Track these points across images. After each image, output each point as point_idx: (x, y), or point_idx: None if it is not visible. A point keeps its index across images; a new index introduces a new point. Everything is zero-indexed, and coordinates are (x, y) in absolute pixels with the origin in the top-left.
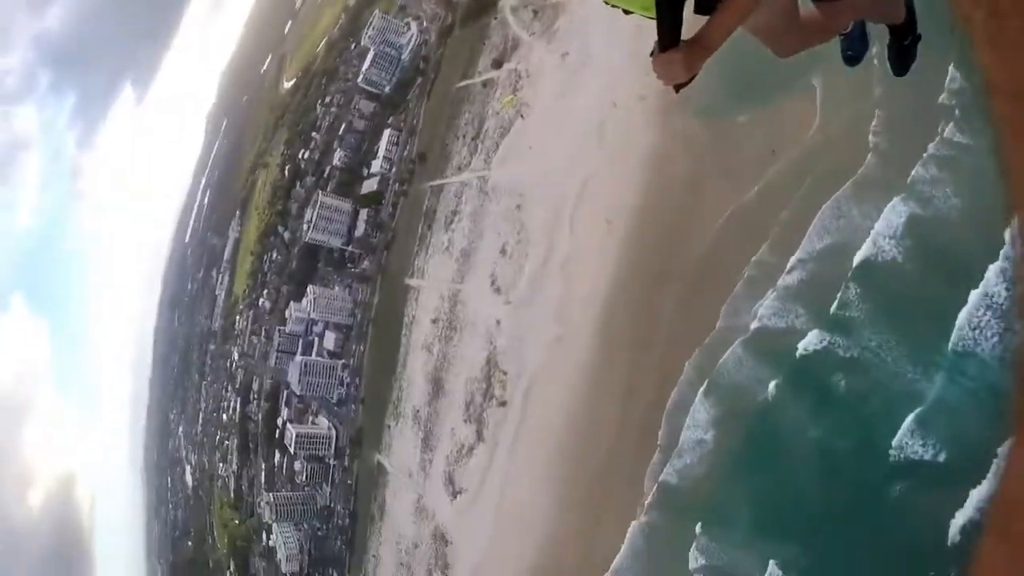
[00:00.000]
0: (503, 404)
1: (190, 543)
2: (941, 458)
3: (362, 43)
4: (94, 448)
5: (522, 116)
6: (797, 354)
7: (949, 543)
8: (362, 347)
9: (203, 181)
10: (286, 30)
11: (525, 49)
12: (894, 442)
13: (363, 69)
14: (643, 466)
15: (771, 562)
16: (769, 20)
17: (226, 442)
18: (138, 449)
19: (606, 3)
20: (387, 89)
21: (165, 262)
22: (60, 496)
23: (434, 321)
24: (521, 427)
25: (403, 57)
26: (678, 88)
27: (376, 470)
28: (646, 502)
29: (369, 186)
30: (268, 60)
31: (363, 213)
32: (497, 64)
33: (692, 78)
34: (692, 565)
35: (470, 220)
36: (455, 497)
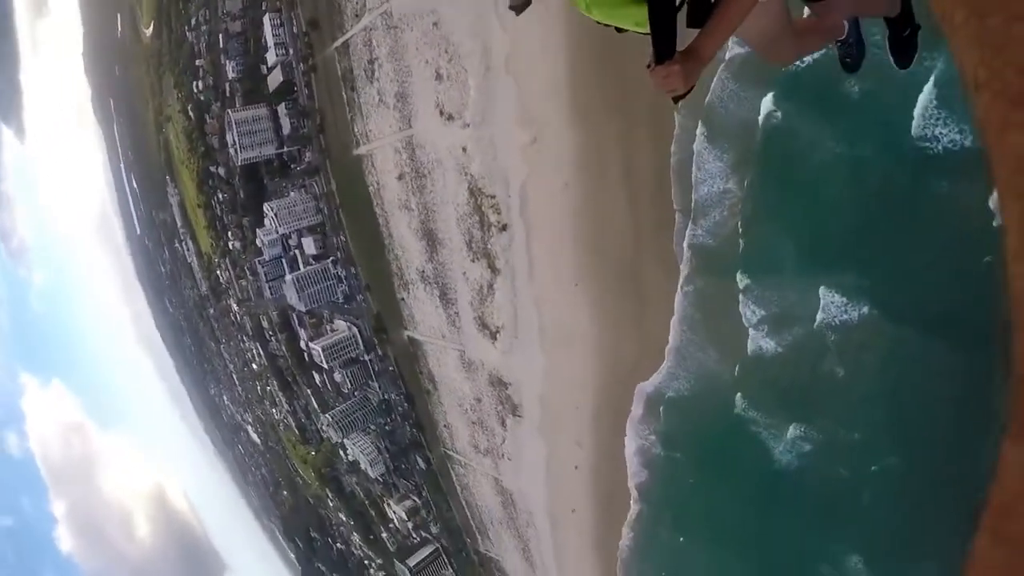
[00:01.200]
0: (504, 228)
1: (285, 492)
2: (966, 140)
3: None
4: (163, 456)
5: None
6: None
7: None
8: (342, 237)
9: (121, 168)
10: None
11: None
12: (914, 131)
13: None
14: (667, 237)
15: (821, 289)
16: (762, 28)
17: (267, 388)
18: (200, 435)
19: (598, 23)
20: None
21: (131, 262)
22: (160, 514)
23: (400, 177)
24: (531, 243)
25: None
26: (677, 100)
27: (410, 346)
28: (683, 273)
29: (274, 80)
30: (119, 20)
31: (282, 109)
32: None
33: (691, 89)
34: (747, 320)
35: (391, 61)
36: (495, 339)
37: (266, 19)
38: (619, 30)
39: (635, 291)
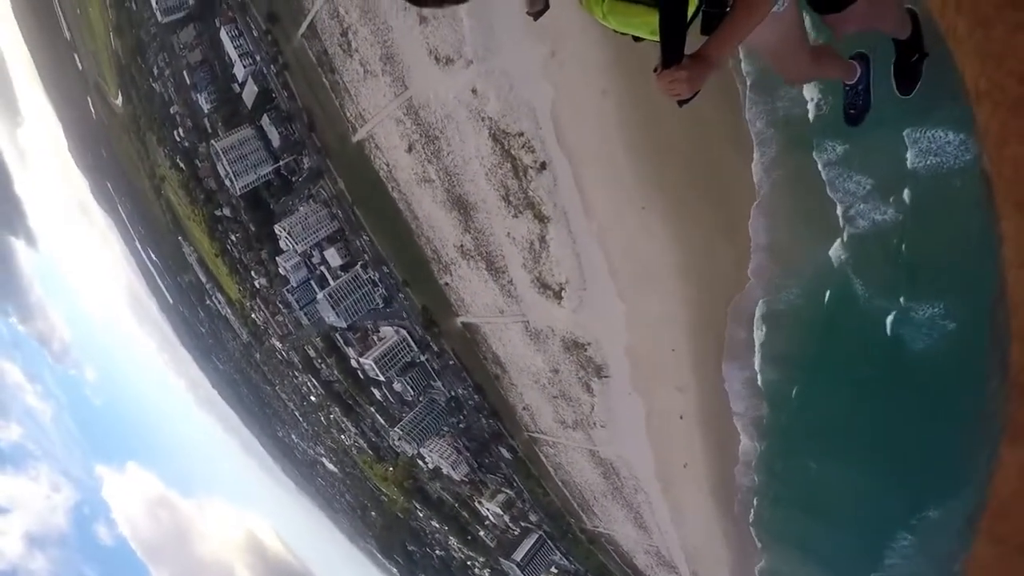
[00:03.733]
0: (542, 167)
1: (373, 513)
2: None
3: None
4: (249, 506)
5: None
6: None
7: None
8: (365, 236)
9: (137, 245)
10: (78, 63)
11: None
12: None
13: (154, 7)
14: (736, 113)
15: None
16: (774, 42)
17: (331, 416)
18: (279, 477)
19: (615, 32)
20: (188, 1)
21: (172, 332)
22: (258, 562)
23: (409, 149)
24: (578, 175)
25: None
26: (682, 103)
27: (466, 332)
28: (755, 154)
29: (250, 94)
30: (90, 103)
31: (265, 122)
32: None
33: (696, 93)
34: (826, 175)
35: (365, 23)
36: (560, 298)
37: (223, 34)
38: (636, 39)
39: (713, 191)
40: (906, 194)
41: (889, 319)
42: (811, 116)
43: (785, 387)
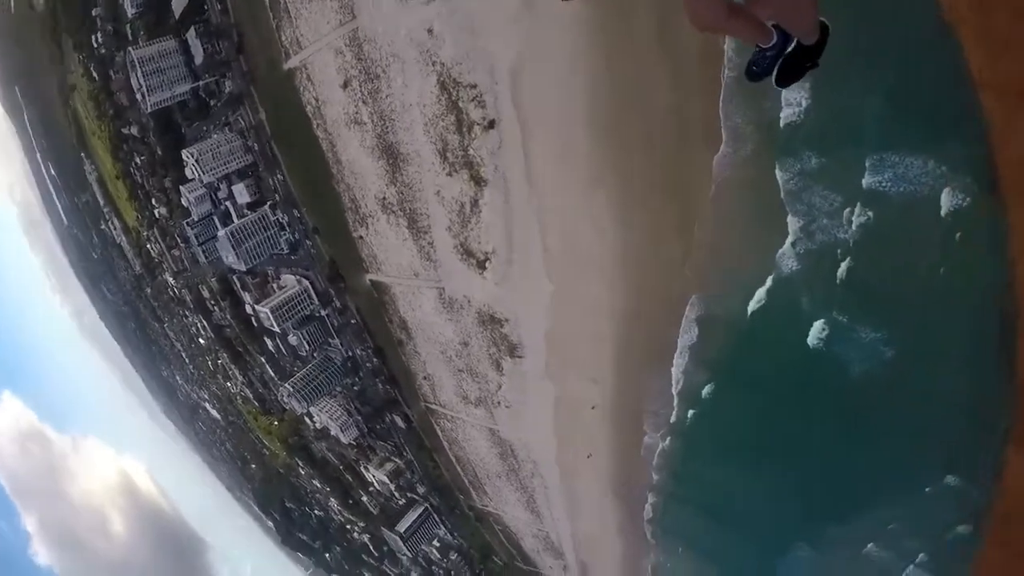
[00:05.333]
0: (490, 125)
1: (253, 465)
2: None
3: None
4: (125, 447)
5: None
6: None
7: None
8: (279, 175)
9: (38, 158)
10: None
11: None
12: None
13: None
14: (714, 107)
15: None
16: None
17: (219, 361)
18: (159, 418)
19: None
20: None
21: (65, 256)
22: (131, 506)
23: (345, 85)
24: (527, 139)
25: None
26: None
27: (374, 292)
28: (722, 149)
29: (180, 2)
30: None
31: (192, 35)
32: None
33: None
34: (784, 184)
35: None
36: (483, 268)
37: None
38: None
39: (670, 182)
40: (862, 216)
41: (824, 336)
42: (783, 123)
43: (703, 390)
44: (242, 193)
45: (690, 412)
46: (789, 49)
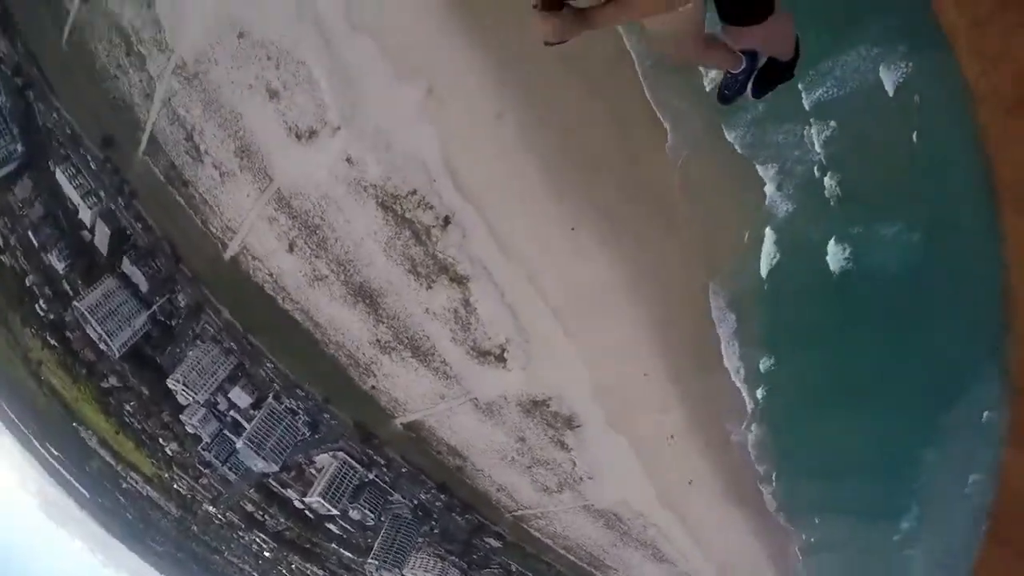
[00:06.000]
0: (446, 222)
1: None
2: None
3: None
4: None
5: None
6: None
7: None
8: (268, 363)
9: (34, 443)
10: None
11: None
12: None
13: None
14: (642, 98)
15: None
16: (677, 24)
17: (292, 567)
18: None
19: None
20: (18, 148)
21: (99, 527)
22: None
23: (291, 249)
24: (489, 218)
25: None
26: (548, 44)
27: (411, 432)
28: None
29: (103, 237)
30: None
31: (127, 265)
32: None
33: (563, 41)
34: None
35: (210, 118)
36: (503, 361)
37: (59, 175)
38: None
39: (641, 188)
40: (825, 131)
41: (848, 255)
42: (709, 86)
43: (762, 367)
44: (241, 396)
45: (760, 393)
46: (759, 66)
